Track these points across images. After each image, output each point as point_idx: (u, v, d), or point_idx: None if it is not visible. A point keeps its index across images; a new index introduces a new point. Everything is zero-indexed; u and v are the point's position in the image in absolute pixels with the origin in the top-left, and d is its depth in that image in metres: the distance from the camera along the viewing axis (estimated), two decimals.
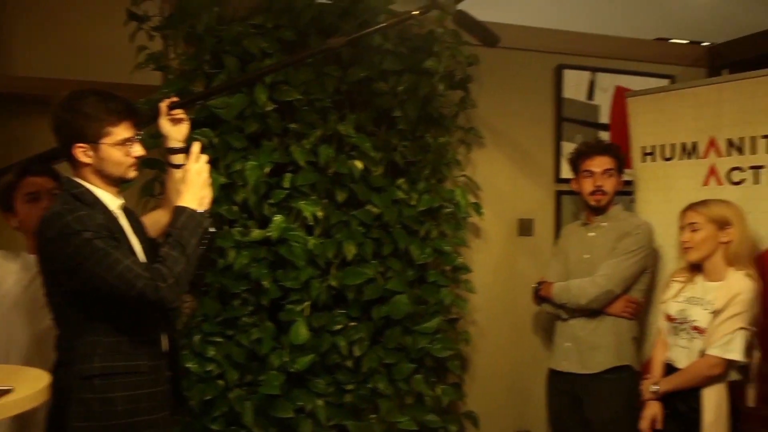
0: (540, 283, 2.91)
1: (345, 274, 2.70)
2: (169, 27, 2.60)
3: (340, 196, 2.72)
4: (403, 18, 1.89)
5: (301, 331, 2.60)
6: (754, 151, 2.65)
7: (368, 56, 2.75)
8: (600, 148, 2.80)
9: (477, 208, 3.02)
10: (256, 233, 2.61)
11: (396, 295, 2.76)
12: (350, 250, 2.69)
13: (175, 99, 1.96)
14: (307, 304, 2.66)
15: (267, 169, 2.58)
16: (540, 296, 2.89)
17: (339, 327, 2.73)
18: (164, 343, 1.88)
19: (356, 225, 2.74)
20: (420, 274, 2.90)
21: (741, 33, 3.48)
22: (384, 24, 1.92)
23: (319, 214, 2.64)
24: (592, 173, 2.77)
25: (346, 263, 2.73)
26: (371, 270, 2.74)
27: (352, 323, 2.76)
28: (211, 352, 2.58)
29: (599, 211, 2.80)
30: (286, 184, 2.65)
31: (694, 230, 2.45)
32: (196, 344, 2.58)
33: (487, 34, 2.06)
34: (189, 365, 2.53)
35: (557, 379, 2.85)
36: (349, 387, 2.75)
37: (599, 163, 2.76)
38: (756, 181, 2.66)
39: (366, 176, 2.77)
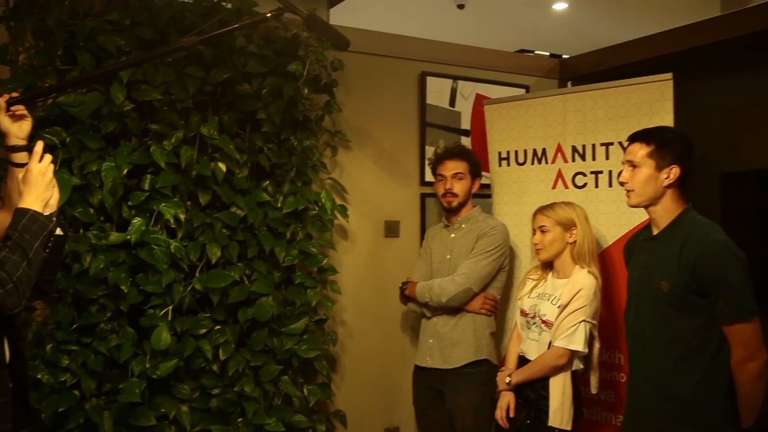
0: (405, 283, 3.01)
1: (209, 277, 2.67)
2: (15, 18, 2.46)
3: (203, 199, 2.68)
4: (256, 20, 1.90)
5: (164, 336, 2.54)
6: (594, 157, 2.89)
7: (232, 58, 2.74)
8: (451, 153, 2.94)
9: (343, 210, 3.07)
10: (114, 236, 2.52)
11: (262, 297, 2.76)
12: (214, 253, 2.67)
13: (15, 94, 1.86)
14: (169, 308, 2.61)
15: (125, 170, 2.50)
16: (405, 295, 2.99)
17: (204, 331, 2.69)
18: (6, 352, 1.79)
19: (220, 227, 2.72)
20: (287, 276, 2.92)
21: (595, 47, 3.76)
22: (237, 25, 1.92)
23: (181, 216, 2.60)
24: (444, 177, 2.90)
25: (210, 266, 2.70)
26: (236, 272, 2.73)
27: (218, 326, 2.74)
28: (65, 361, 2.46)
29: (454, 212, 2.93)
30: (146, 185, 2.58)
31: (543, 232, 2.62)
32: (48, 353, 2.45)
33: (337, 38, 2.11)
34: (40, 376, 2.41)
35: (422, 375, 2.95)
36: (215, 391, 2.71)
37: (450, 167, 2.90)
38: (596, 185, 2.89)
39: (230, 178, 2.75)
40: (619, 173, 2.21)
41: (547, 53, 6.25)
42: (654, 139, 2.08)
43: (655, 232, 2.14)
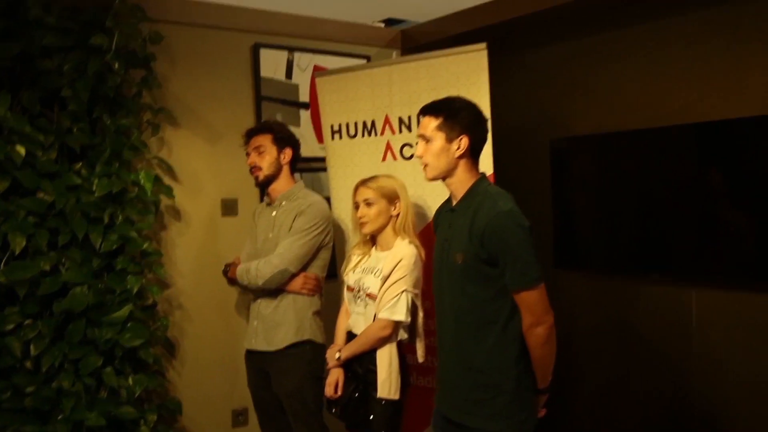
0: (228, 265, 2.92)
1: (12, 269, 2.49)
2: None
3: (1, 185, 2.49)
4: None
5: None
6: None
7: (27, 30, 2.53)
8: (253, 130, 2.87)
9: (168, 190, 2.93)
10: None
11: (76, 287, 2.61)
12: (18, 243, 2.49)
13: None
14: None
15: None
16: (229, 278, 2.90)
17: (12, 326, 2.53)
18: None
19: (24, 215, 2.53)
20: (108, 263, 2.77)
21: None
22: None
23: None
24: (249, 153, 2.84)
25: (16, 257, 2.52)
26: (47, 262, 2.56)
27: (28, 321, 2.57)
28: None
29: (265, 186, 2.85)
30: None
31: (369, 205, 2.59)
32: None
33: None
34: None
35: (251, 358, 2.88)
36: (29, 389, 2.56)
37: (252, 143, 2.83)
38: None
39: (33, 162, 2.57)
40: None
41: (422, 21, 6.21)
42: (442, 111, 2.06)
43: (454, 203, 2.14)
